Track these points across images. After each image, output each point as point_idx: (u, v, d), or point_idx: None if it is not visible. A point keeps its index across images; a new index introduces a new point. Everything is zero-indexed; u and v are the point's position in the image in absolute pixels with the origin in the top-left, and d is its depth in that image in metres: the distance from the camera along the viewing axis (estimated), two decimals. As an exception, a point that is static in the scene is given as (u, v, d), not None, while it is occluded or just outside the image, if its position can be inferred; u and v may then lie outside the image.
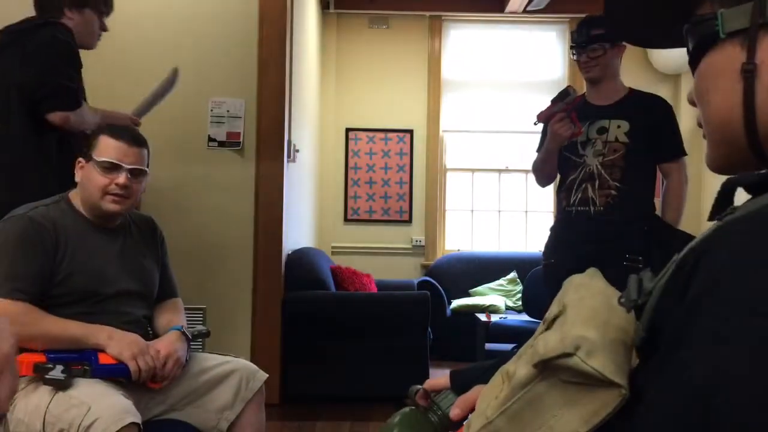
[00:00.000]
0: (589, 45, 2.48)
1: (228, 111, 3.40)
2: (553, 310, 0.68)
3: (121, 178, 1.78)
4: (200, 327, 1.98)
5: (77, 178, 1.84)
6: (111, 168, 1.78)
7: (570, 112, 2.46)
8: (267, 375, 1.89)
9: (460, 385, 0.89)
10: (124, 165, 1.79)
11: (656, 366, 0.56)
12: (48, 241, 1.72)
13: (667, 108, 2.53)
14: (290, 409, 3.35)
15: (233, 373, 1.83)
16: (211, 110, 3.40)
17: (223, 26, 3.44)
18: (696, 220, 5.61)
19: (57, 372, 1.57)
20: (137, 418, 1.52)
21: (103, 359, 1.66)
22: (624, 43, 2.50)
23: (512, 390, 0.64)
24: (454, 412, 0.84)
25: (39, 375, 1.58)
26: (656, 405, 0.52)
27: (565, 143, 2.51)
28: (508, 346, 3.73)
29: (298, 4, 3.90)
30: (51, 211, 1.78)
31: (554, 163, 2.60)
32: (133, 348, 1.67)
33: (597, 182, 2.47)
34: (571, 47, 2.57)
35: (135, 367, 1.65)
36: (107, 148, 1.79)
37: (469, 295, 5.04)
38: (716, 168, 0.66)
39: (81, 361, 1.63)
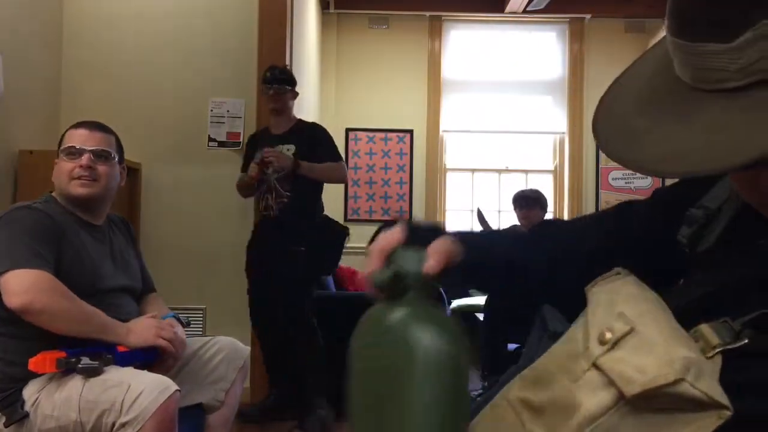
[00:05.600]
0: (278, 84, 3.11)
1: (228, 111, 3.40)
2: (614, 326, 0.57)
3: (83, 159, 1.82)
4: (181, 317, 2.03)
5: (53, 178, 1.88)
6: (74, 153, 1.83)
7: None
8: (249, 348, 2.08)
9: (417, 236, 0.76)
10: (85, 148, 1.84)
11: None
12: (56, 233, 1.74)
13: (321, 131, 3.22)
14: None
15: (220, 349, 1.98)
16: (211, 110, 3.40)
17: (223, 26, 3.45)
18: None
19: (87, 360, 1.61)
20: (177, 387, 1.61)
21: (122, 350, 1.71)
22: (297, 90, 3.21)
23: (577, 427, 0.54)
24: (429, 265, 0.71)
25: (65, 368, 1.60)
26: None
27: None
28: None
29: (298, 4, 3.90)
30: (49, 208, 1.80)
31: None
32: (151, 329, 1.75)
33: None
34: (265, 83, 3.13)
35: (163, 342, 1.73)
36: (70, 137, 1.86)
37: (469, 295, 5.04)
38: None
39: (101, 353, 1.67)
